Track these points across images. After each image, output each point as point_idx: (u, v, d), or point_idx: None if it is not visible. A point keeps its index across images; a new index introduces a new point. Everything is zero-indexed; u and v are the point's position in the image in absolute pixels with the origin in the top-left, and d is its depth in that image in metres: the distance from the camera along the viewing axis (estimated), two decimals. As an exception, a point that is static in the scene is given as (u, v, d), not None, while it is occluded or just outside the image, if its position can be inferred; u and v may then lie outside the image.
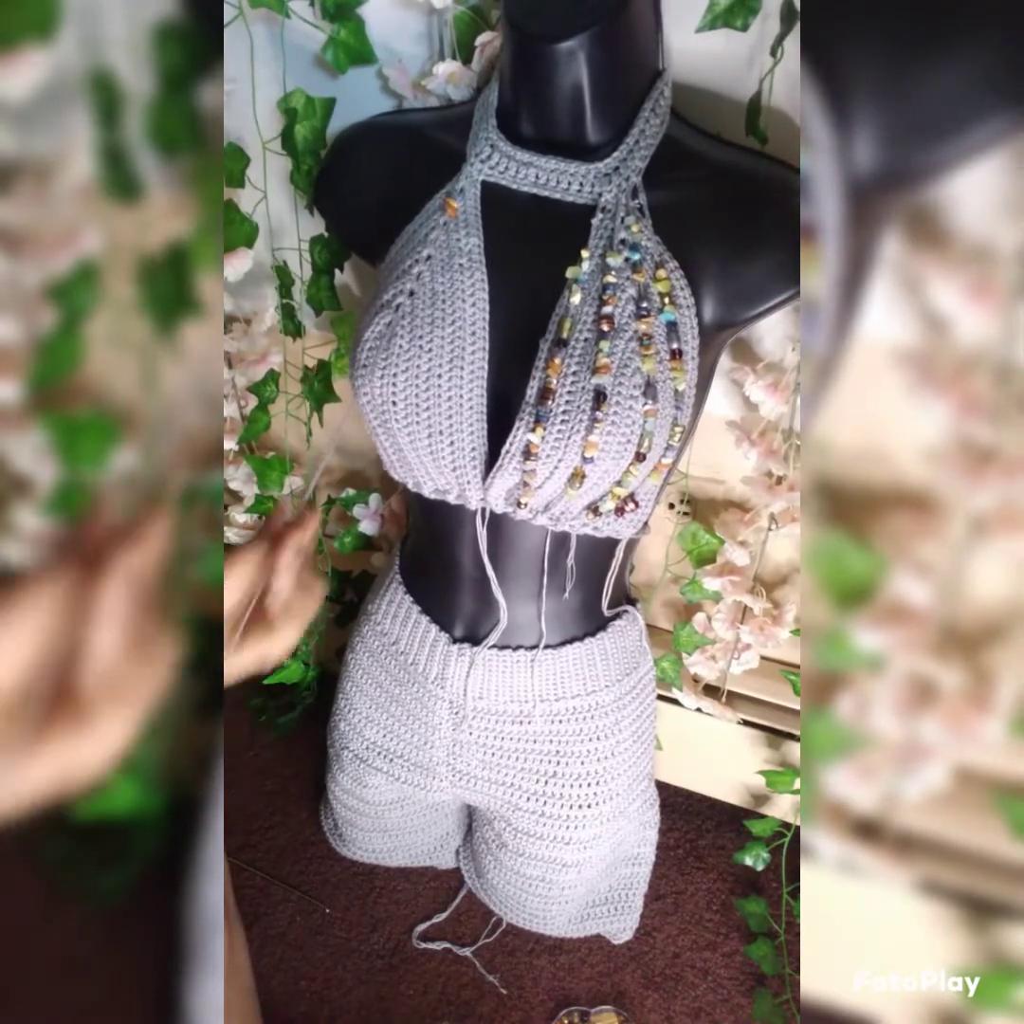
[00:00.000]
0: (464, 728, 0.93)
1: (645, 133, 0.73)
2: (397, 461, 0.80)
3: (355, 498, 1.19)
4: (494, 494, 0.75)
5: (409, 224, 0.77)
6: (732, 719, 1.13)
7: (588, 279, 0.71)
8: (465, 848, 1.25)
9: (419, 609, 0.94)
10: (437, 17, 0.84)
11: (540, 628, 0.88)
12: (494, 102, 0.77)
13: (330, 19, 0.85)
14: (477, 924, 1.24)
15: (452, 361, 0.72)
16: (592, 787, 0.94)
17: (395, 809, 1.08)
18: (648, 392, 0.69)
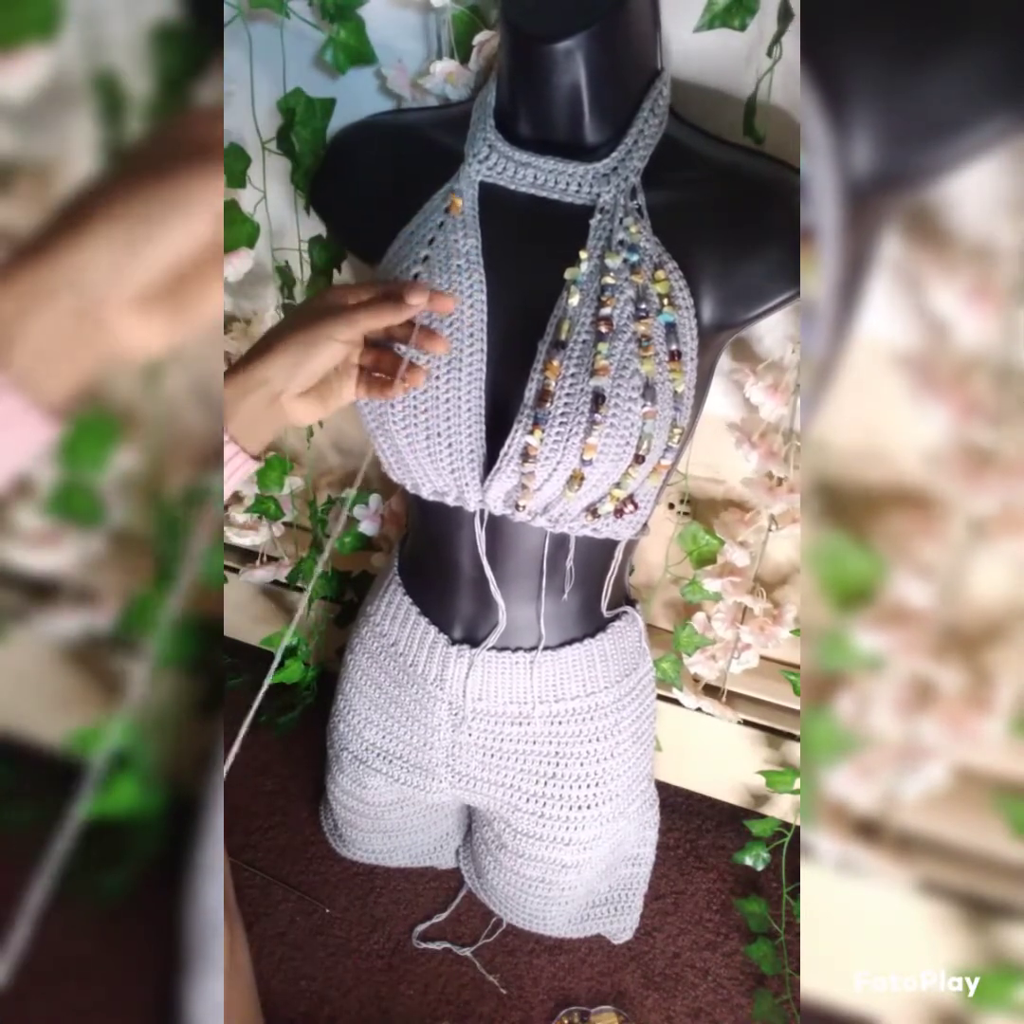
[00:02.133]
0: (463, 729, 0.93)
1: (644, 133, 0.73)
2: (396, 463, 0.80)
3: (355, 499, 1.19)
4: (492, 496, 0.75)
5: (407, 225, 0.77)
6: (732, 719, 1.13)
7: (586, 280, 0.70)
8: (465, 848, 1.25)
9: (418, 610, 0.94)
10: (435, 16, 0.84)
11: (539, 629, 0.88)
12: (492, 102, 0.77)
13: (330, 19, 0.85)
14: (477, 924, 1.24)
15: (450, 363, 0.72)
16: (592, 788, 0.94)
17: (395, 810, 1.08)
18: (647, 394, 0.69)
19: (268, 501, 1.20)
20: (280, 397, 0.59)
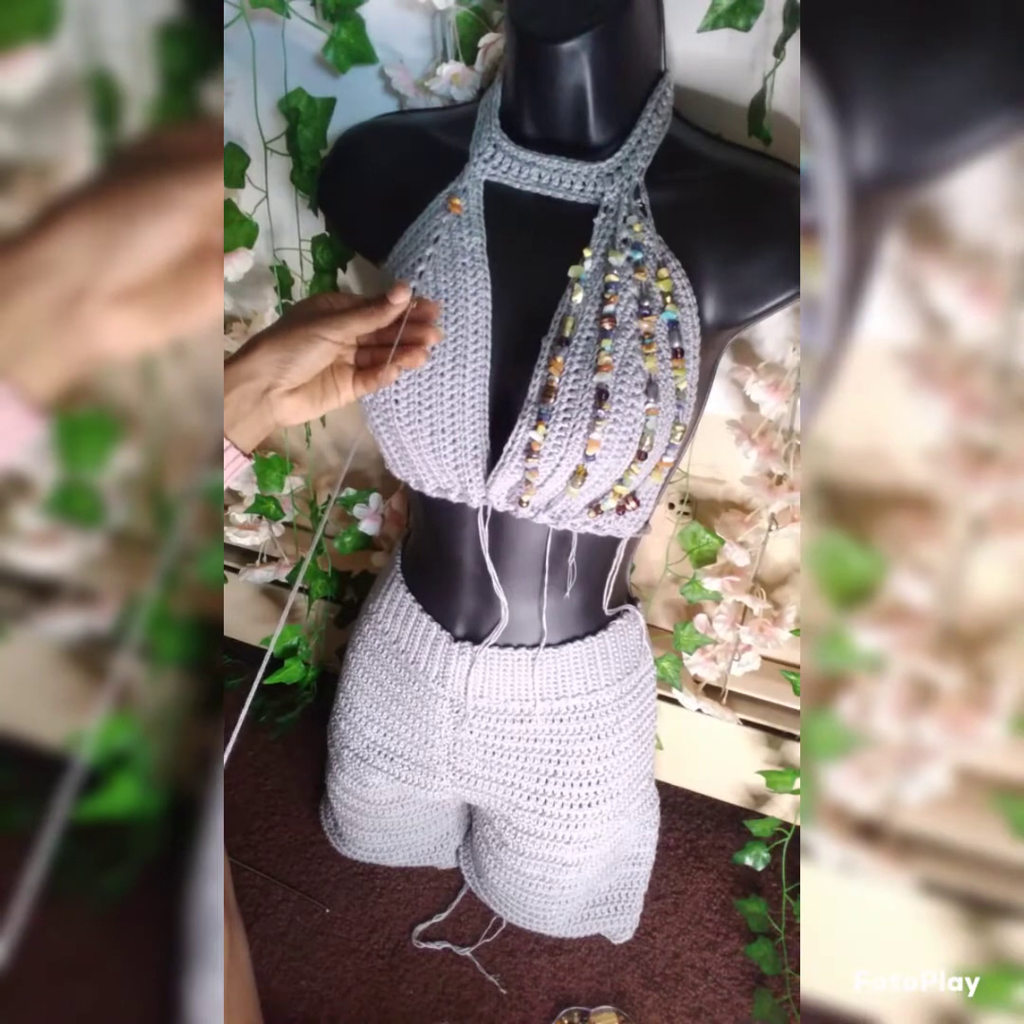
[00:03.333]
0: (465, 727, 0.93)
1: (647, 133, 0.73)
2: (399, 460, 0.80)
3: (355, 498, 1.19)
4: (496, 492, 0.75)
5: (412, 223, 0.78)
6: (732, 720, 1.14)
7: (590, 278, 0.71)
8: (465, 848, 1.25)
9: (420, 607, 0.94)
10: (440, 18, 0.84)
11: (541, 627, 0.88)
12: (497, 102, 0.77)
13: (330, 19, 0.85)
14: (477, 924, 1.24)
15: (455, 360, 0.72)
16: (593, 786, 0.94)
17: (395, 808, 1.09)
18: (650, 391, 0.69)
19: (268, 501, 1.20)
20: (269, 393, 0.59)
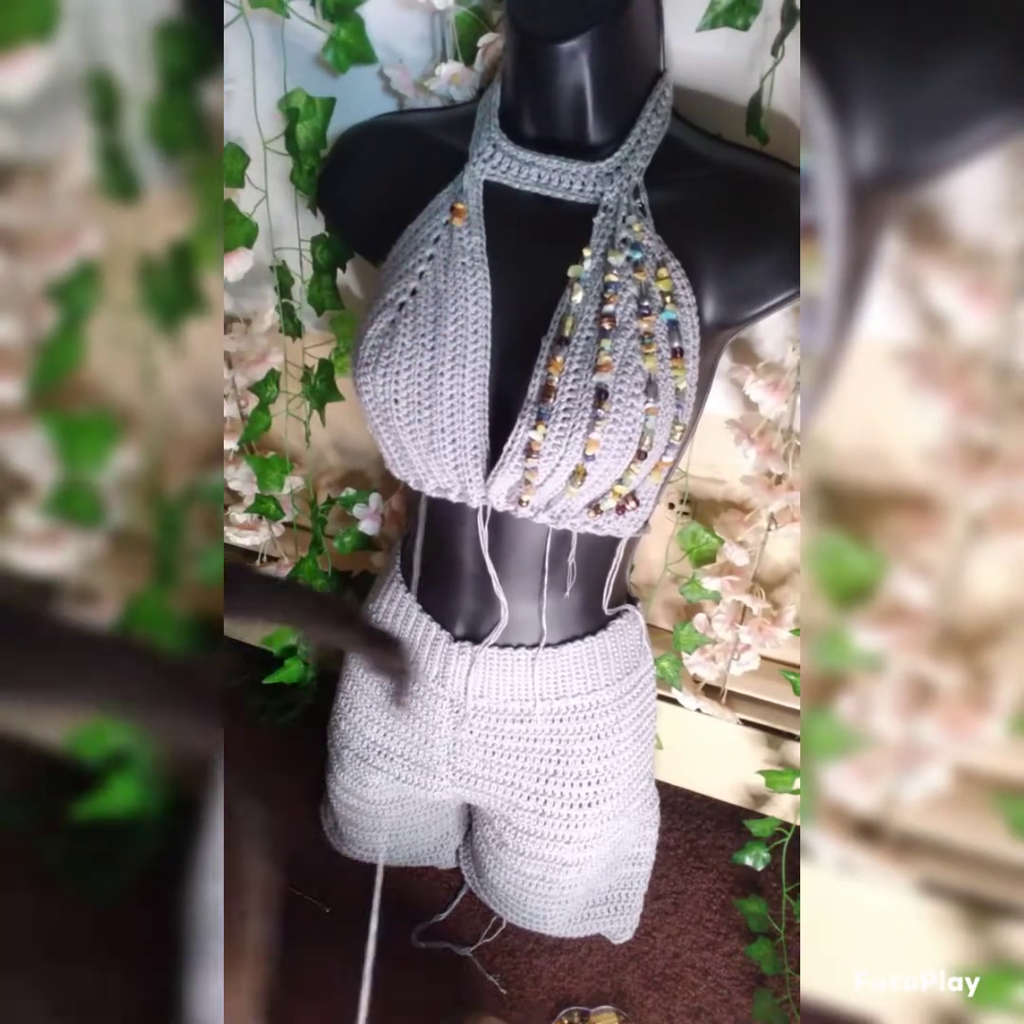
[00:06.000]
0: (464, 727, 0.93)
1: (647, 133, 0.73)
2: (399, 459, 0.80)
3: (355, 498, 1.19)
4: (495, 492, 0.75)
5: (412, 223, 0.78)
6: (732, 719, 1.13)
7: (590, 278, 0.71)
8: (465, 848, 1.25)
9: (420, 608, 0.94)
10: (439, 18, 0.84)
11: (541, 626, 0.88)
12: (496, 102, 0.77)
13: (330, 19, 0.85)
14: (477, 924, 1.24)
15: (454, 359, 0.72)
16: (592, 786, 0.94)
17: (395, 808, 1.09)
18: (649, 390, 0.69)
19: (268, 501, 1.20)
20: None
